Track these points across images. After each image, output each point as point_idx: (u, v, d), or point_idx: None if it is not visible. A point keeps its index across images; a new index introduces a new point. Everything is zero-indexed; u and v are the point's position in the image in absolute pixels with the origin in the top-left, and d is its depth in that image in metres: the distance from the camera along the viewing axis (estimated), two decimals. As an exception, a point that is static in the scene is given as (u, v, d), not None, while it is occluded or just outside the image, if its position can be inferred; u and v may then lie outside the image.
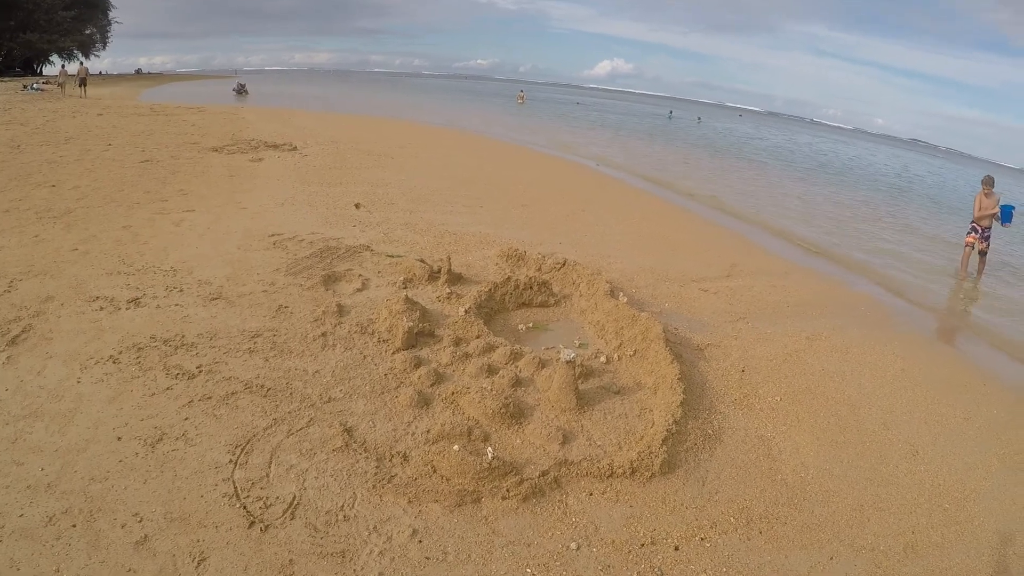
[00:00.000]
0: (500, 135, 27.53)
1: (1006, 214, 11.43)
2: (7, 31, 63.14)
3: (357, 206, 10.46)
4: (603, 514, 3.63)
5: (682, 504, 3.79)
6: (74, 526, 3.20)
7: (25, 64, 70.12)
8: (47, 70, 71.26)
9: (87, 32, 75.99)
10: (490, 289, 6.41)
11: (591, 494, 3.78)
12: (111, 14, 79.98)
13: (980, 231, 11.58)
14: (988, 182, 11.57)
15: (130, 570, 2.97)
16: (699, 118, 77.33)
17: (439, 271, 6.92)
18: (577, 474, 3.90)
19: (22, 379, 4.49)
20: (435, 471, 3.75)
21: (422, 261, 7.13)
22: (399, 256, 7.62)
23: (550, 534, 3.44)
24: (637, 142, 32.14)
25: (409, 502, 3.55)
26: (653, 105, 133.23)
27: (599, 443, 4.24)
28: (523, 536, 3.41)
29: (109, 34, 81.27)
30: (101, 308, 5.72)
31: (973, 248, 11.66)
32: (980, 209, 11.57)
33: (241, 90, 49.66)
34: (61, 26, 66.87)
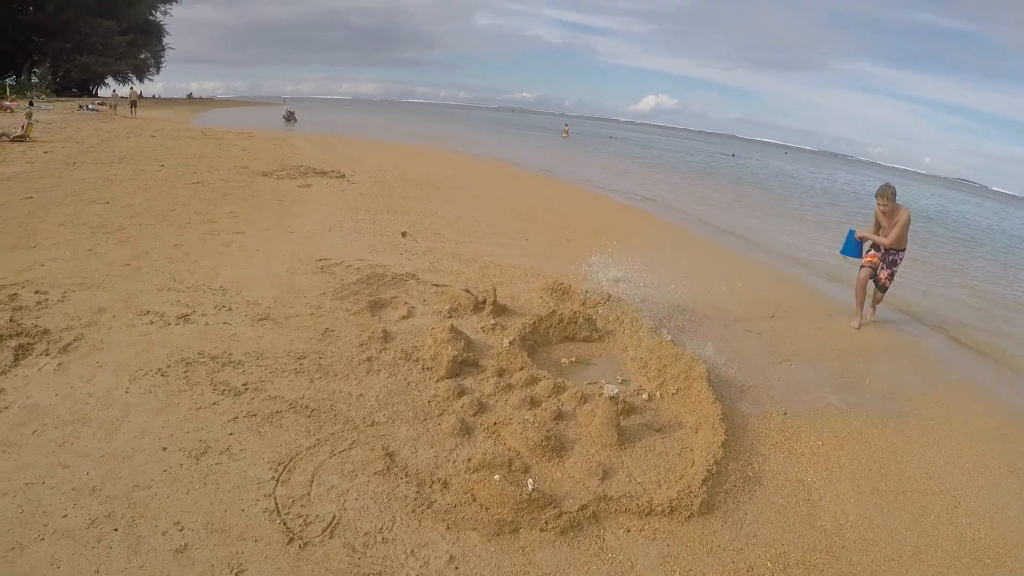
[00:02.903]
0: (546, 170, 27.72)
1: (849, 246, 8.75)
2: (64, 53, 66.20)
3: (404, 235, 10.68)
4: (640, 552, 3.65)
5: (719, 546, 3.79)
6: (116, 530, 3.32)
7: (81, 85, 73.00)
8: (102, 92, 74.06)
9: (141, 56, 79.51)
10: (534, 322, 6.49)
11: (629, 531, 3.80)
12: (165, 40, 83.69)
13: (883, 252, 8.54)
14: (883, 194, 8.22)
15: (168, 576, 3.07)
16: (756, 158, 78.23)
17: (484, 302, 7.03)
18: (616, 510, 3.93)
19: (72, 386, 4.69)
20: (475, 499, 3.82)
21: (468, 291, 7.25)
22: (445, 285, 7.76)
23: (586, 569, 3.47)
24: (708, 186, 31.90)
25: (448, 528, 3.61)
26: (703, 142, 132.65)
27: (639, 480, 4.26)
28: (559, 569, 3.44)
29: (163, 59, 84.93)
30: (151, 322, 5.95)
31: (873, 272, 8.56)
32: (882, 229, 8.52)
33: (290, 117, 50.94)
34: (117, 50, 70.09)
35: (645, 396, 5.42)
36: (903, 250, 8.52)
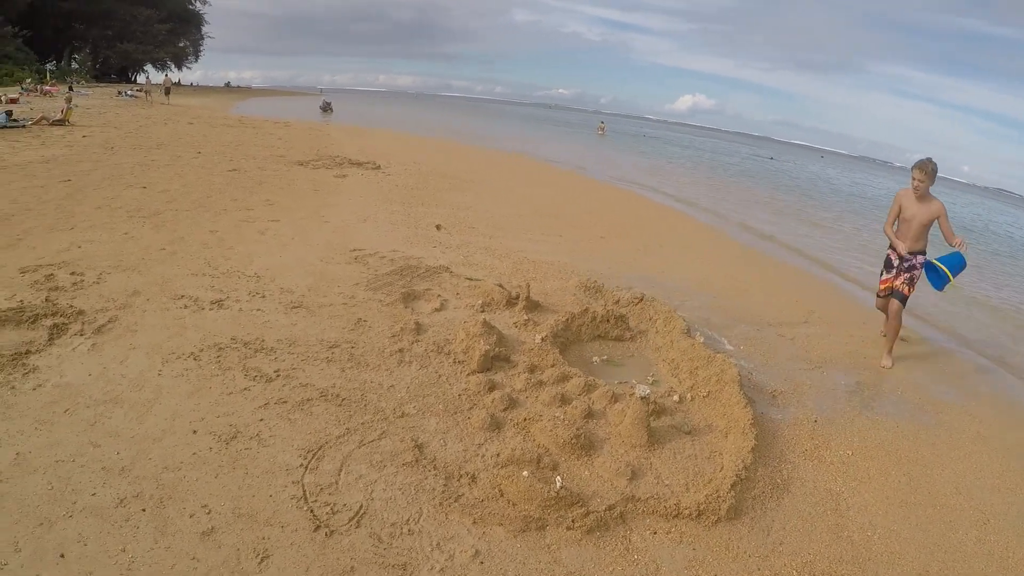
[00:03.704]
0: (582, 168, 27.64)
1: (955, 264, 7.02)
2: (104, 40, 67.76)
3: (438, 228, 10.73)
4: (665, 554, 3.62)
5: (745, 552, 3.75)
6: (144, 510, 3.38)
7: (120, 72, 74.38)
8: (141, 78, 75.61)
9: (180, 45, 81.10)
10: (567, 319, 6.47)
11: (655, 533, 3.78)
12: (204, 29, 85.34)
13: (899, 262, 7.25)
14: (923, 167, 6.91)
15: (194, 558, 3.11)
16: (794, 162, 77.72)
17: (517, 297, 7.02)
18: (643, 511, 3.90)
19: (105, 366, 4.78)
20: (502, 495, 3.82)
21: (501, 286, 7.25)
22: (478, 280, 7.77)
23: (611, 569, 3.46)
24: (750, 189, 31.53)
25: (474, 523, 3.61)
26: (739, 143, 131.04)
27: (667, 482, 4.24)
28: (584, 568, 3.43)
29: (201, 47, 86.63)
30: (185, 307, 6.05)
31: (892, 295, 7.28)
32: (901, 219, 7.20)
33: (327, 108, 51.30)
34: (156, 38, 71.75)
35: (676, 398, 5.38)
36: (923, 253, 7.20)
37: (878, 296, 7.62)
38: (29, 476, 3.53)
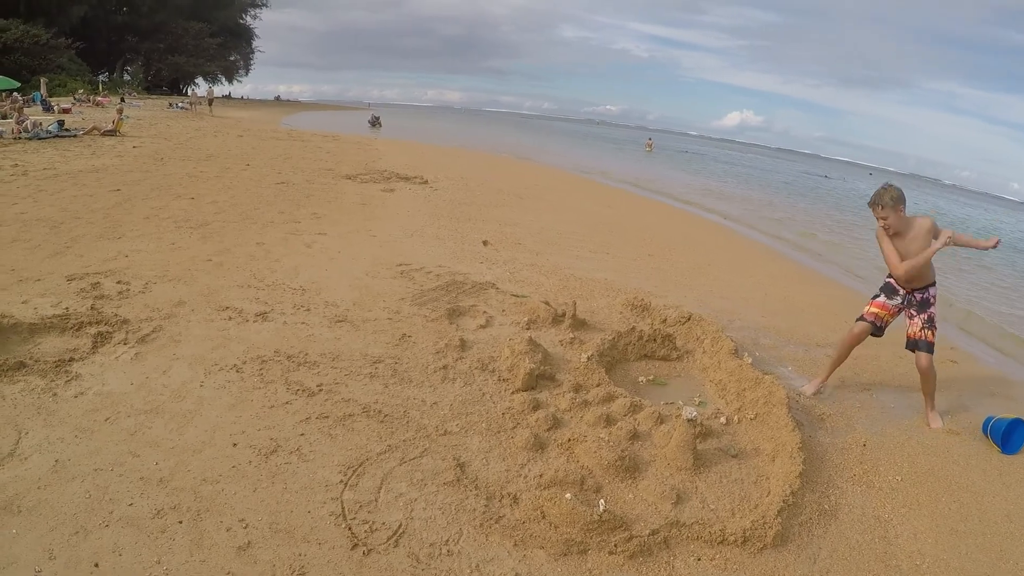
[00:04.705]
0: (630, 184, 27.63)
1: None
2: (156, 53, 70.38)
3: (485, 243, 10.76)
4: (709, 582, 3.56)
5: (790, 580, 3.66)
6: (180, 522, 3.40)
7: (171, 84, 76.68)
8: (191, 91, 77.98)
9: (231, 58, 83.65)
10: (613, 338, 6.43)
11: (699, 559, 3.69)
12: (255, 43, 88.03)
13: (903, 295, 6.06)
14: (877, 204, 5.65)
15: (229, 573, 3.12)
16: (846, 179, 76.60)
17: (563, 315, 7.00)
18: (688, 537, 3.81)
19: (147, 376, 4.86)
20: (544, 517, 3.76)
21: (547, 303, 7.23)
22: (524, 296, 7.77)
23: (653, 596, 3.39)
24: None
25: (515, 545, 3.57)
26: (789, 161, 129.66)
27: (712, 507, 4.16)
28: (625, 594, 3.37)
29: (252, 61, 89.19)
30: (230, 318, 6.14)
31: (877, 327, 6.22)
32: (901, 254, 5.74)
33: (375, 122, 51.98)
34: (207, 52, 74.34)
35: (723, 420, 5.29)
36: (933, 284, 6.06)
37: (860, 320, 6.26)
38: (67, 484, 3.59)
